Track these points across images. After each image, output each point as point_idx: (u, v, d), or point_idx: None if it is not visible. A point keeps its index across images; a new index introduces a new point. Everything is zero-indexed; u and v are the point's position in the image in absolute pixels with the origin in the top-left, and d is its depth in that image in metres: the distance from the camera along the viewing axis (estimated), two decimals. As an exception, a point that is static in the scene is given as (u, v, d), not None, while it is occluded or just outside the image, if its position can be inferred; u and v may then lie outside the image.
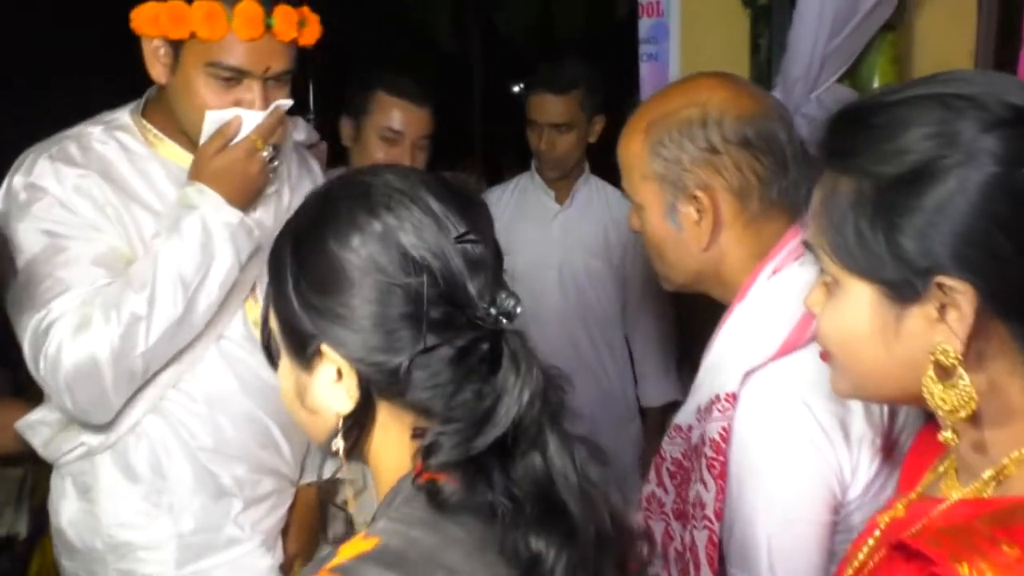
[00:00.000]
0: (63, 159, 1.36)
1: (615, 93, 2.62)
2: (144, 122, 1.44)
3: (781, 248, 1.12)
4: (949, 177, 0.69)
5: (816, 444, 1.03)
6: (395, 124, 2.02)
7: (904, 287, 0.72)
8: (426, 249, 0.74)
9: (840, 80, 1.91)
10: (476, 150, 5.64)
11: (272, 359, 0.83)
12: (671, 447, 1.18)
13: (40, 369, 1.31)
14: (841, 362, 0.81)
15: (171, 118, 1.40)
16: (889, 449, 1.06)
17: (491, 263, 0.77)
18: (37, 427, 1.44)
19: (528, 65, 2.88)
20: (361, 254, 0.74)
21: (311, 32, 1.37)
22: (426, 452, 0.72)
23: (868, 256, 0.73)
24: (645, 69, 2.39)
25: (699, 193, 1.11)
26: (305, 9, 1.36)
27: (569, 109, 2.39)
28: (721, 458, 1.05)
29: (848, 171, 0.75)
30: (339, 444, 0.77)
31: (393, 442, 0.77)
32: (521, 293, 0.77)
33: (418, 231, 0.74)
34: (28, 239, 1.33)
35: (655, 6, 2.38)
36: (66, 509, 1.45)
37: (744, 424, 1.05)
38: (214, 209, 1.33)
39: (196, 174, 1.35)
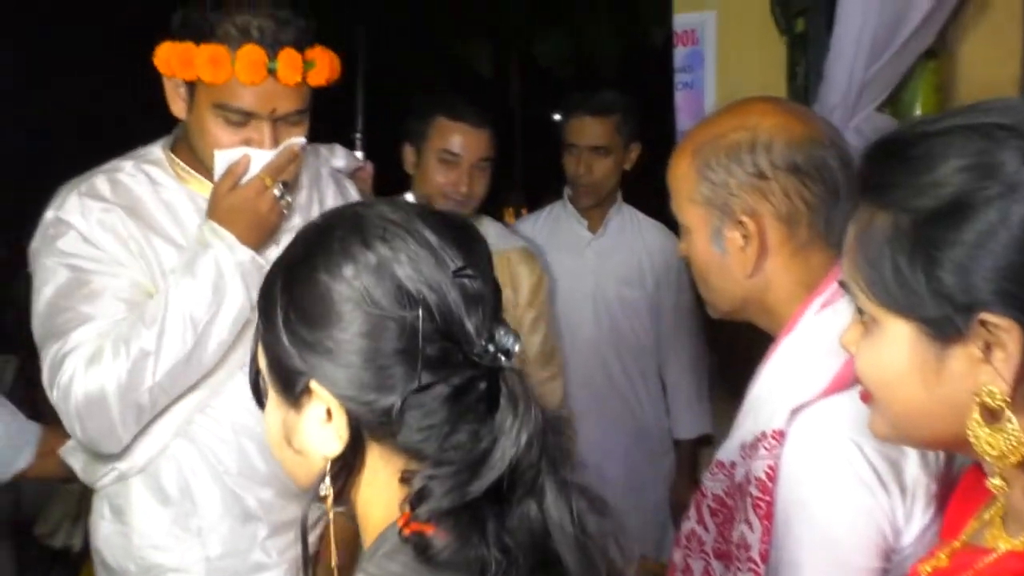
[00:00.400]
0: (90, 194, 1.40)
1: (650, 121, 2.61)
2: (173, 156, 1.48)
3: (831, 281, 1.08)
4: (989, 210, 0.66)
5: (867, 486, 0.98)
6: (453, 146, 2.04)
7: (945, 325, 0.68)
8: (422, 282, 0.71)
9: (880, 108, 1.88)
10: (516, 179, 5.66)
11: (259, 398, 0.81)
12: (712, 484, 1.14)
13: (53, 397, 1.35)
14: (879, 403, 0.78)
15: (195, 152, 1.44)
16: (946, 495, 1.01)
17: (489, 298, 0.74)
18: (75, 452, 1.48)
19: (566, 94, 2.90)
20: (354, 285, 0.71)
21: (319, 73, 1.37)
22: (416, 498, 0.69)
23: (906, 293, 0.70)
24: (680, 97, 2.37)
25: (745, 218, 1.08)
26: (317, 49, 1.37)
27: (607, 132, 2.40)
28: (767, 498, 1.01)
29: (884, 205, 0.72)
30: (326, 489, 0.73)
31: (382, 487, 0.74)
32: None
33: (414, 263, 0.71)
34: (53, 272, 1.37)
35: (690, 34, 2.37)
36: (102, 529, 1.48)
37: (792, 463, 1.01)
38: (227, 248, 1.36)
39: (210, 213, 1.38)
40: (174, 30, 1.35)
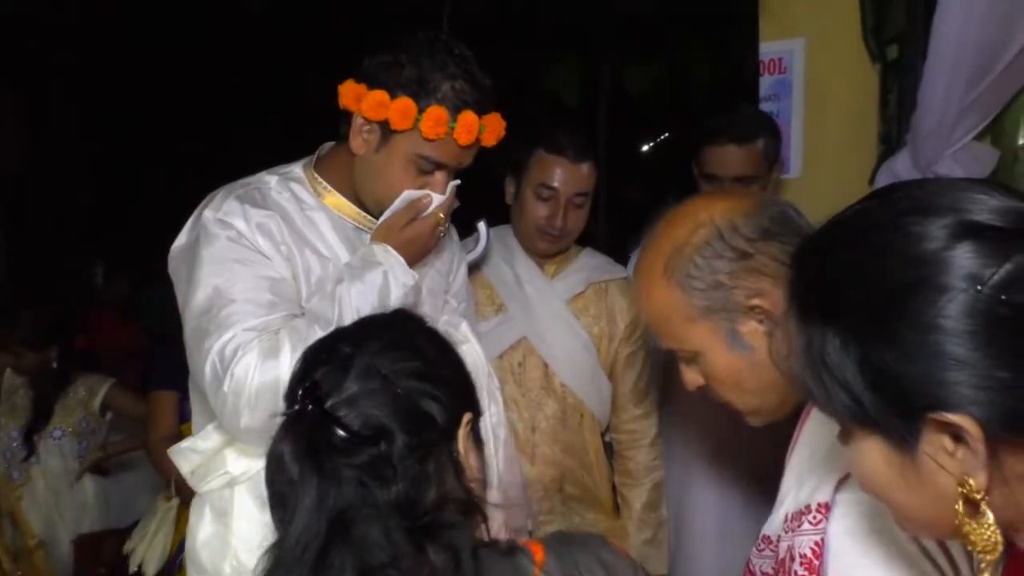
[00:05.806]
0: (250, 201, 1.51)
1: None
2: (315, 175, 1.59)
3: None
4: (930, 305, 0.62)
5: (919, 564, 0.90)
6: (550, 180, 2.01)
7: (904, 431, 0.65)
8: None
9: (979, 137, 1.78)
10: (600, 212, 5.60)
11: None
12: (760, 560, 1.08)
13: (224, 387, 1.39)
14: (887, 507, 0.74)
15: (343, 176, 1.56)
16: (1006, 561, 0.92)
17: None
18: (188, 454, 1.53)
19: (653, 124, 2.83)
20: None
21: (490, 136, 1.52)
22: None
23: (857, 406, 0.67)
24: (765, 126, 2.30)
25: (756, 301, 1.04)
26: (492, 115, 1.50)
27: (754, 160, 2.05)
28: None
29: (821, 320, 0.69)
30: None
31: None
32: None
33: None
34: (215, 268, 1.46)
35: (777, 63, 2.31)
36: (202, 532, 1.53)
37: (841, 540, 0.94)
38: (398, 269, 1.50)
39: (384, 238, 1.52)
40: (366, 75, 1.47)
